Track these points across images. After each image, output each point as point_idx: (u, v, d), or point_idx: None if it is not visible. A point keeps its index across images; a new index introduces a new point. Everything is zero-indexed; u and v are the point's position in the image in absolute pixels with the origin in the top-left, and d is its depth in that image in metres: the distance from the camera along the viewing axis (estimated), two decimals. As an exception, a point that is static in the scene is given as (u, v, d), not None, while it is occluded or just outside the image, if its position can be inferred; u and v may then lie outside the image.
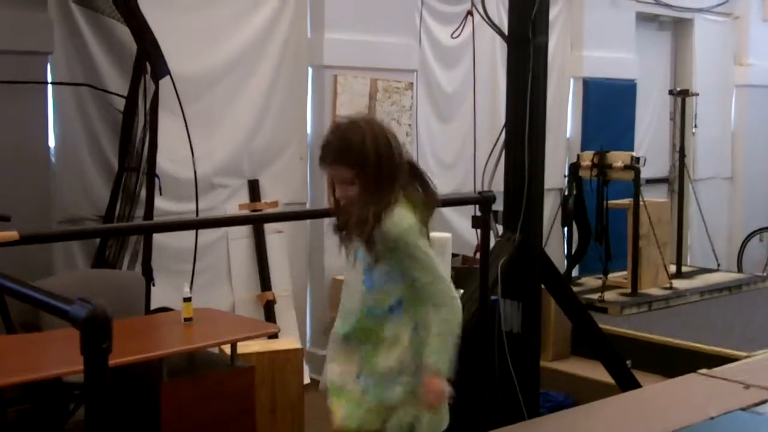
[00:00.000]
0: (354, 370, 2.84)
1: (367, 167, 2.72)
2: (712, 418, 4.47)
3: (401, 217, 2.73)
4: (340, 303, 2.94)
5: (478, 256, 6.35)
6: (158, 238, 5.61)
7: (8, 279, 1.80)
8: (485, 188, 4.68)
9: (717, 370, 5.43)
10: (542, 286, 4.87)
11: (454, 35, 6.40)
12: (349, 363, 2.85)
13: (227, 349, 4.49)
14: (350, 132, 2.78)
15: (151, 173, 5.43)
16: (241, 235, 6.31)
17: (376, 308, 2.79)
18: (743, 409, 4.56)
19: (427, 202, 2.87)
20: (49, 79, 5.36)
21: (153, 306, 5.34)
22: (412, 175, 2.86)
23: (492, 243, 4.44)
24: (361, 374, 2.83)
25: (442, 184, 6.93)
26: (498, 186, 4.80)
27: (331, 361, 2.92)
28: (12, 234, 2.38)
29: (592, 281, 7.47)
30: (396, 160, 2.78)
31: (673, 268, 7.82)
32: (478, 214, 4.26)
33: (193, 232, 5.75)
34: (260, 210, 6.29)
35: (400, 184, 2.77)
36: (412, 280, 2.77)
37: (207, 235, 6.02)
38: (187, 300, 4.42)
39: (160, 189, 5.51)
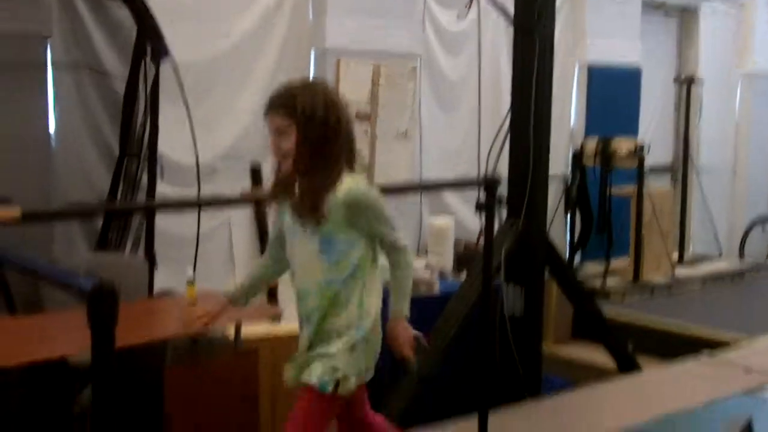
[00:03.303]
0: (303, 337, 2.91)
1: (306, 123, 2.74)
2: (713, 402, 4.49)
3: (357, 181, 2.80)
4: (294, 286, 2.95)
5: (480, 243, 6.36)
6: (160, 225, 5.60)
7: (15, 254, 1.81)
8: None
9: (718, 355, 5.45)
10: (545, 271, 4.88)
11: (460, 17, 6.36)
12: (303, 338, 2.92)
13: (231, 333, 4.50)
14: (294, 85, 2.86)
15: (153, 158, 5.41)
16: (243, 221, 6.30)
17: (335, 278, 2.82)
18: (744, 393, 4.58)
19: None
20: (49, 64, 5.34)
21: (156, 290, 5.34)
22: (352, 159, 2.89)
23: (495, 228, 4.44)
24: (311, 334, 2.87)
25: (446, 172, 6.95)
26: (501, 174, 4.79)
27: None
28: (13, 211, 2.37)
29: (593, 268, 7.47)
30: (342, 127, 2.81)
31: (675, 256, 7.83)
32: (483, 200, 4.25)
33: (195, 219, 5.73)
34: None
35: (345, 157, 2.80)
36: (375, 238, 2.87)
37: (209, 222, 6.01)
38: (191, 283, 4.42)
39: (162, 174, 5.50)
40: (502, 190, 4.52)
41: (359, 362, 2.85)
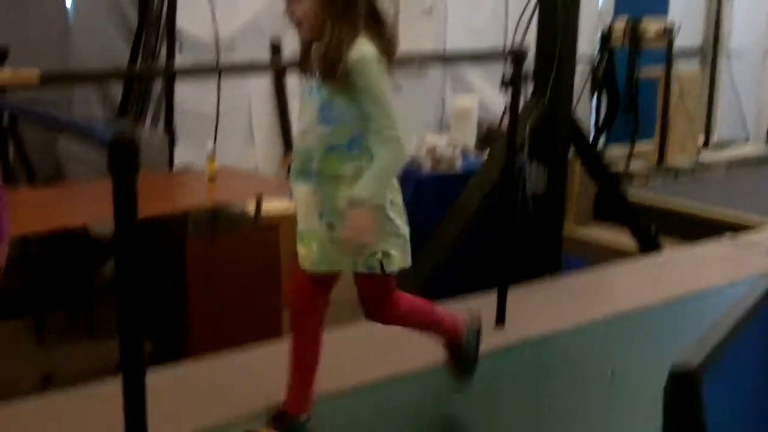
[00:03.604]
0: (315, 211, 2.73)
1: None
2: (734, 282, 4.47)
3: (363, 44, 2.64)
4: (295, 141, 2.82)
5: (504, 123, 6.27)
6: (179, 101, 5.54)
7: (32, 108, 1.76)
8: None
9: (741, 237, 5.41)
10: (569, 149, 4.81)
11: None
12: (311, 205, 2.73)
13: (251, 209, 4.49)
14: None
15: (171, 32, 5.31)
16: (264, 98, 6.22)
17: (336, 145, 2.66)
18: (765, 274, 4.55)
19: (388, 50, 2.75)
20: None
21: (176, 165, 5.33)
22: (373, 19, 2.71)
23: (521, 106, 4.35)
24: (324, 213, 2.71)
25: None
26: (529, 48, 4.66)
27: (295, 202, 2.83)
28: (32, 72, 2.30)
29: (618, 151, 7.38)
30: None
31: (701, 140, 7.71)
32: (508, 75, 4.15)
33: (214, 94, 5.66)
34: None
35: (363, 18, 2.67)
36: (367, 114, 2.64)
37: (228, 98, 5.93)
38: (211, 157, 4.39)
39: (180, 48, 5.41)
40: (529, 67, 4.42)
41: (393, 235, 2.76)
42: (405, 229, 2.79)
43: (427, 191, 4.74)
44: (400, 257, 2.75)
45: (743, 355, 1.18)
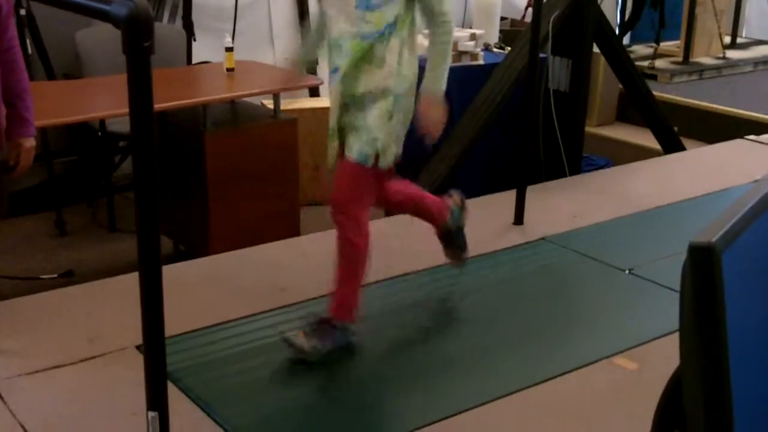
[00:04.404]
0: (342, 108, 2.75)
1: None
2: (756, 181, 4.43)
3: None
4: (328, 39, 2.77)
5: (527, 17, 6.14)
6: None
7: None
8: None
9: (764, 137, 5.34)
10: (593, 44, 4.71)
11: None
12: (338, 104, 2.74)
13: (270, 104, 4.45)
14: None
15: None
16: (283, -7, 6.11)
17: (370, 33, 2.64)
18: (790, 172, 4.49)
19: None
20: None
21: (194, 62, 5.28)
22: None
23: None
24: (347, 103, 2.74)
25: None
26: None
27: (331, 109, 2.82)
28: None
29: (643, 50, 7.24)
30: None
31: (728, 39, 7.54)
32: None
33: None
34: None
35: None
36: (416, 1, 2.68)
37: (248, -7, 5.84)
38: (229, 50, 4.34)
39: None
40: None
41: (398, 131, 2.76)
42: (404, 128, 2.79)
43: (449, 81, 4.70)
44: (394, 152, 2.76)
45: (764, 234, 1.17)
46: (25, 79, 2.81)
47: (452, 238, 3.21)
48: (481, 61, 4.92)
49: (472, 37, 4.91)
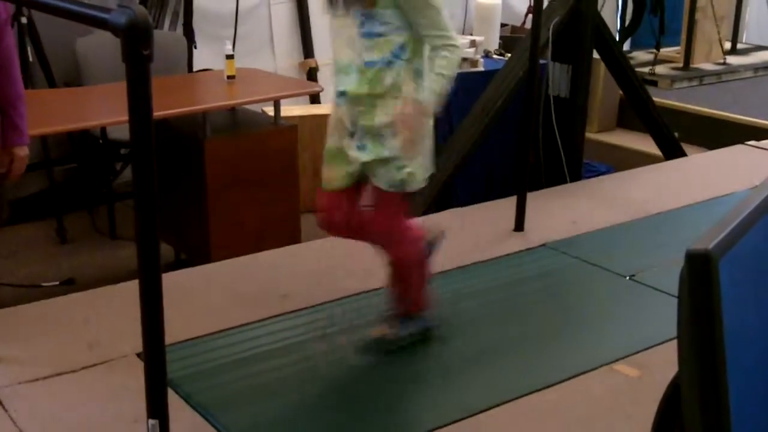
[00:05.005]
0: (345, 132, 2.71)
1: None
2: (756, 187, 4.43)
3: None
4: (333, 61, 2.73)
5: (527, 23, 6.15)
6: (198, 4, 5.47)
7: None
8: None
9: (765, 142, 5.34)
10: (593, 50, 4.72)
11: None
12: (341, 127, 2.72)
13: (270, 111, 4.46)
14: None
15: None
16: (284, 2, 6.12)
17: (376, 60, 2.59)
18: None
19: None
20: None
21: (195, 69, 5.29)
22: None
23: (545, 4, 4.26)
24: (355, 134, 2.69)
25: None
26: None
27: (329, 128, 2.81)
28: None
29: (643, 55, 7.26)
30: None
31: (728, 45, 7.55)
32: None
33: (234, -1, 5.58)
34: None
35: None
36: (416, 23, 2.59)
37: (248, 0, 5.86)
38: (230, 57, 4.35)
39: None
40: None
41: (425, 153, 2.72)
42: (428, 145, 2.75)
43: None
44: (421, 177, 2.74)
45: (761, 242, 1.17)
46: (20, 87, 2.79)
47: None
48: (481, 68, 4.93)
49: (473, 43, 4.92)
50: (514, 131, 4.59)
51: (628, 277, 3.52)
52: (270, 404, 2.66)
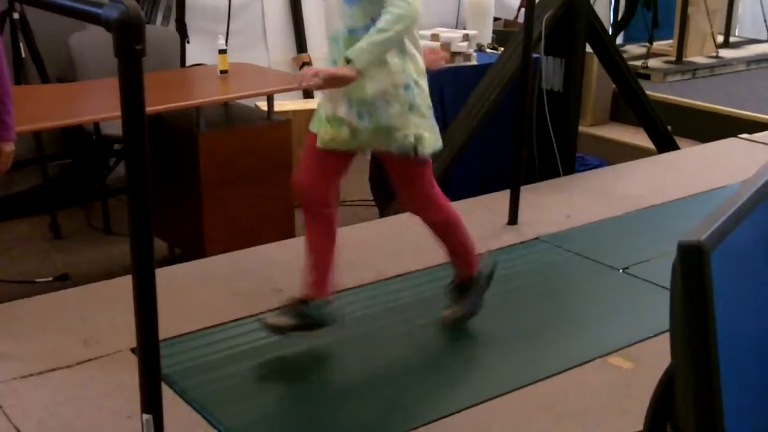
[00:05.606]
0: (344, 99, 2.67)
1: None
2: (747, 180, 4.44)
3: None
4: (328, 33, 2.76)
5: (520, 17, 6.15)
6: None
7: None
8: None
9: (757, 135, 5.35)
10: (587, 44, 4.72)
11: None
12: (339, 92, 2.67)
13: (263, 106, 4.45)
14: None
15: None
16: (277, -3, 6.12)
17: (357, 28, 2.60)
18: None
19: None
20: None
21: (188, 64, 5.28)
22: None
23: None
24: (352, 102, 2.67)
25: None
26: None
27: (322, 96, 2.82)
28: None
29: (636, 49, 7.26)
30: None
31: (720, 38, 7.56)
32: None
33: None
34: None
35: None
36: None
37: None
38: (223, 52, 4.34)
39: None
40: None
41: (424, 116, 2.73)
42: (430, 112, 2.77)
43: (443, 82, 4.67)
44: (432, 138, 2.76)
45: (752, 234, 1.17)
46: (7, 83, 2.80)
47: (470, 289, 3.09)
48: (474, 62, 4.93)
49: (465, 37, 4.92)
50: (507, 125, 4.59)
51: (621, 270, 3.53)
52: (264, 399, 2.67)
